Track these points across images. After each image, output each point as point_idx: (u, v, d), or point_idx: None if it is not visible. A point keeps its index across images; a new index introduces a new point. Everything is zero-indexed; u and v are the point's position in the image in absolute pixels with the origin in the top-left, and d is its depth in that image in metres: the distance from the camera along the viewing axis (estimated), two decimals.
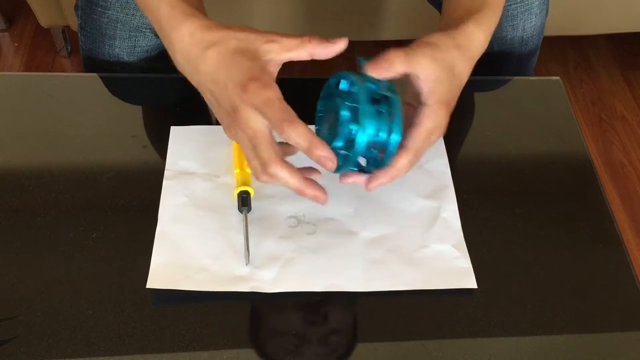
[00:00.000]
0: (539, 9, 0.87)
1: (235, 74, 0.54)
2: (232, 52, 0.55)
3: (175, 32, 0.58)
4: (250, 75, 0.54)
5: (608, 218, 0.69)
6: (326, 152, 0.54)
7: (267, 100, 0.53)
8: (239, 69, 0.54)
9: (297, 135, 0.53)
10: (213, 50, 0.55)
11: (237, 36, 0.56)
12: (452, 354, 0.58)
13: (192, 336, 0.58)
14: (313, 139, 0.54)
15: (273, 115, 0.53)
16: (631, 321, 0.61)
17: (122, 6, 0.82)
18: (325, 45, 0.56)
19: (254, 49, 0.55)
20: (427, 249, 0.64)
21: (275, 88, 0.54)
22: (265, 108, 0.53)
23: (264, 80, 0.53)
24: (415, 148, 0.58)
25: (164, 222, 0.65)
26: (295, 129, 0.53)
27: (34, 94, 0.78)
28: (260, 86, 0.53)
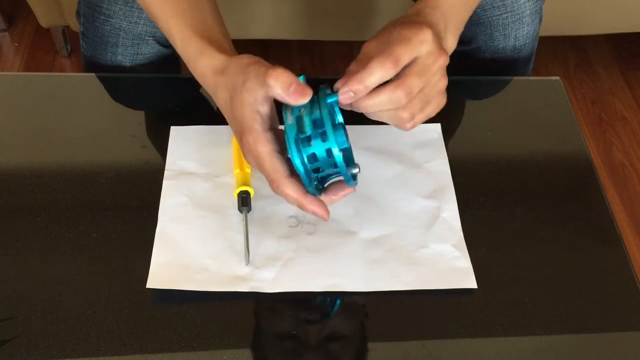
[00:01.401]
0: (530, 18, 0.87)
1: (234, 124, 0.58)
2: (230, 97, 0.58)
3: (193, 67, 0.62)
4: (242, 126, 0.57)
5: (608, 218, 0.69)
6: (315, 207, 0.58)
7: (258, 156, 0.56)
8: (235, 118, 0.58)
9: (286, 195, 0.57)
10: (220, 93, 0.59)
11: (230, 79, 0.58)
12: (452, 354, 0.58)
13: (192, 336, 0.58)
14: (301, 196, 0.57)
15: (264, 173, 0.57)
16: (631, 321, 0.61)
17: (125, 14, 0.82)
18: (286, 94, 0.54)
19: (240, 92, 0.57)
20: (427, 249, 0.64)
21: (264, 142, 0.56)
22: (257, 165, 0.57)
23: (254, 134, 0.56)
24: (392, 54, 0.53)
25: (164, 222, 0.65)
26: (283, 189, 0.57)
27: (34, 94, 0.78)
28: (252, 140, 0.56)
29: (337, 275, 0.62)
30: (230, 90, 0.58)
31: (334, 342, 0.59)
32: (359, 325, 0.61)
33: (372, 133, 0.72)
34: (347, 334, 0.60)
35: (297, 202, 0.58)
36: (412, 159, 0.72)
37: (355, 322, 0.62)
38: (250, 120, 0.56)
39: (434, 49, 0.55)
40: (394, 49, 0.53)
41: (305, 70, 1.72)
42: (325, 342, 0.59)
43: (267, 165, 0.56)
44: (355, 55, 0.58)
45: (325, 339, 0.59)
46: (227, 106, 0.59)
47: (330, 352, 0.59)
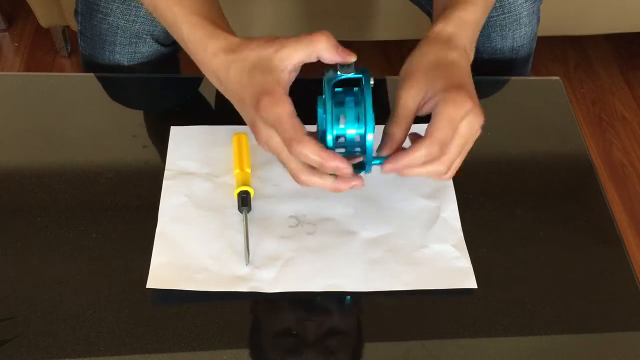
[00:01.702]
0: (528, 18, 0.87)
1: (251, 91, 0.56)
2: (249, 68, 0.56)
3: (202, 54, 0.60)
4: (262, 90, 0.55)
5: (608, 218, 0.69)
6: (338, 162, 0.55)
7: (277, 117, 0.54)
8: (254, 85, 0.56)
9: (305, 155, 0.54)
10: (234, 68, 0.57)
11: (253, 51, 0.57)
12: (452, 354, 0.58)
13: (192, 336, 0.58)
14: (322, 153, 0.54)
15: (282, 134, 0.54)
16: (631, 321, 0.61)
17: (123, 13, 0.82)
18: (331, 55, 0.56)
19: (268, 60, 0.56)
20: (427, 249, 0.64)
21: (285, 103, 0.54)
22: (276, 125, 0.54)
23: (275, 96, 0.54)
24: (434, 137, 0.55)
25: (164, 222, 0.65)
26: (303, 148, 0.54)
27: (34, 94, 0.78)
28: (272, 102, 0.54)
29: (337, 275, 0.62)
30: (252, 61, 0.56)
31: (334, 342, 0.59)
32: (359, 325, 0.61)
33: None
34: (347, 334, 0.60)
35: (318, 158, 0.54)
36: None
37: (355, 322, 0.62)
38: (272, 84, 0.55)
39: (474, 120, 0.57)
40: (439, 132, 0.55)
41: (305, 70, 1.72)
42: (325, 342, 0.59)
43: (287, 124, 0.54)
44: None
45: (325, 339, 0.59)
46: (242, 79, 0.57)
47: (330, 352, 0.59)
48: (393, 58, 1.72)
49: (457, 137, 0.56)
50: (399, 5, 1.49)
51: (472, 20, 0.63)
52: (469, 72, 0.60)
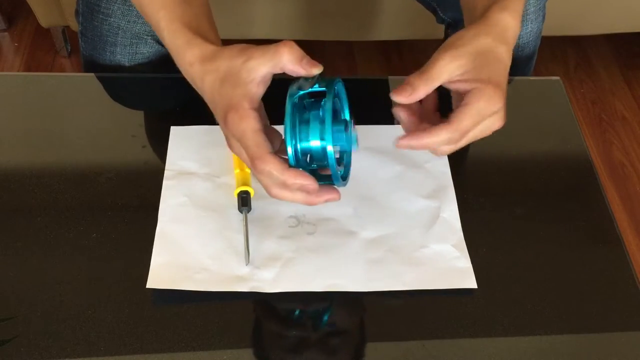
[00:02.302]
0: (534, 15, 0.87)
1: (220, 104, 0.56)
2: (220, 80, 0.56)
3: (180, 61, 0.60)
4: (229, 105, 0.55)
5: (608, 218, 0.69)
6: (301, 179, 0.54)
7: (242, 133, 0.54)
8: (223, 99, 0.56)
9: (269, 171, 0.54)
10: (207, 79, 0.57)
11: (224, 61, 0.56)
12: (452, 354, 0.58)
13: (192, 336, 0.58)
14: (285, 171, 0.54)
15: (247, 151, 0.55)
16: (631, 321, 0.61)
17: (124, 13, 0.82)
18: (299, 66, 0.55)
19: (237, 72, 0.55)
20: (427, 249, 0.64)
21: (249, 118, 0.54)
22: (241, 141, 0.55)
23: (240, 111, 0.54)
24: (459, 126, 0.55)
25: (164, 222, 0.65)
26: (265, 165, 0.54)
27: (34, 94, 0.78)
28: (237, 117, 0.54)
29: (337, 275, 0.62)
30: (223, 72, 0.56)
31: (334, 343, 0.59)
32: (359, 326, 0.61)
33: (372, 133, 0.72)
34: (347, 334, 0.60)
35: (280, 176, 0.54)
36: (412, 159, 0.72)
37: (355, 322, 0.62)
38: (239, 98, 0.55)
39: (497, 122, 0.57)
40: (464, 123, 0.55)
41: None
42: (325, 342, 0.59)
43: (250, 141, 0.54)
44: (355, 55, 0.58)
45: (325, 339, 0.59)
46: (213, 90, 0.57)
47: (330, 352, 0.59)
48: (393, 58, 1.72)
49: (475, 130, 0.56)
50: (399, 5, 1.50)
51: (521, 9, 0.61)
52: (508, 71, 0.58)
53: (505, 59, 0.58)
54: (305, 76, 0.55)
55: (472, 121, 0.55)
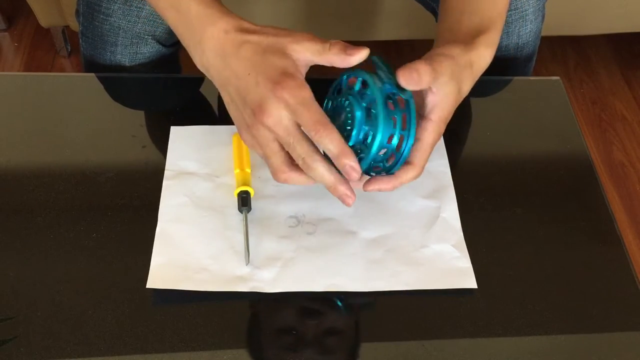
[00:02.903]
0: (534, 15, 0.87)
1: (268, 70, 0.55)
2: (264, 50, 0.56)
3: (210, 28, 0.58)
4: (284, 71, 0.54)
5: (608, 218, 0.69)
6: (353, 162, 0.55)
7: (303, 100, 0.54)
8: (271, 66, 0.55)
9: (330, 141, 0.54)
10: (246, 47, 0.57)
11: (269, 36, 0.57)
12: (452, 354, 0.58)
13: (192, 336, 0.58)
14: (344, 147, 0.54)
15: (309, 117, 0.54)
16: (631, 321, 0.61)
17: (124, 13, 0.82)
18: (343, 57, 0.56)
19: (282, 48, 0.56)
20: (427, 249, 0.64)
21: (308, 88, 0.54)
22: (301, 108, 0.54)
23: (298, 79, 0.54)
24: (421, 164, 0.59)
25: (164, 222, 0.65)
26: (329, 134, 0.54)
27: (34, 94, 0.78)
28: (295, 84, 0.54)
29: (337, 275, 0.62)
30: (266, 44, 0.56)
31: (334, 342, 0.59)
32: (358, 325, 0.61)
33: None
34: (346, 334, 0.60)
35: (337, 149, 0.54)
36: None
37: (355, 322, 0.62)
38: (293, 68, 0.55)
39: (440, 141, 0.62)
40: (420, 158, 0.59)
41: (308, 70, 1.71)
42: (325, 342, 0.59)
43: (314, 106, 0.54)
44: None
45: (325, 339, 0.59)
46: (255, 59, 0.56)
47: (330, 352, 0.59)
48: (393, 58, 1.72)
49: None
50: (399, 5, 1.50)
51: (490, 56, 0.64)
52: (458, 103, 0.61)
53: (465, 93, 0.62)
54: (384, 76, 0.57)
55: (429, 154, 0.59)
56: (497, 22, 0.65)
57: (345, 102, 0.58)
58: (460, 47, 0.60)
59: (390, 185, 0.59)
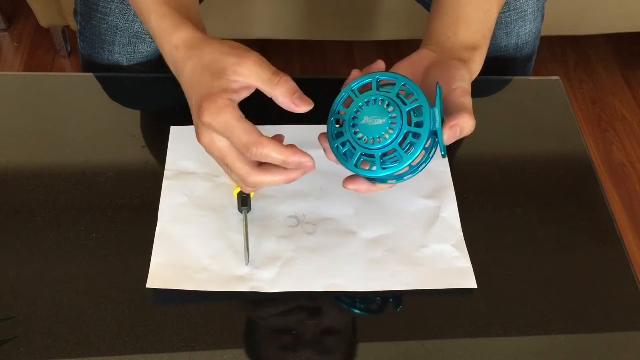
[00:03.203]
0: (533, 15, 0.87)
1: (198, 92, 0.54)
2: (202, 68, 0.55)
3: (166, 45, 0.58)
4: (207, 95, 0.53)
5: (608, 218, 0.69)
6: (300, 156, 0.54)
7: (226, 124, 0.52)
8: (203, 87, 0.54)
9: (268, 154, 0.53)
10: (189, 64, 0.56)
11: (212, 52, 0.55)
12: (452, 354, 0.58)
13: (192, 336, 0.58)
14: (283, 150, 0.53)
15: (237, 140, 0.53)
16: (631, 321, 0.61)
17: (122, 13, 0.82)
18: (289, 102, 0.54)
19: (222, 68, 0.54)
20: (427, 249, 0.64)
21: (230, 108, 0.52)
22: (226, 133, 0.53)
23: (219, 102, 0.52)
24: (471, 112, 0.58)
25: (164, 222, 0.65)
26: (262, 149, 0.52)
27: (34, 94, 0.78)
28: (216, 108, 0.52)
29: (337, 275, 0.62)
30: (207, 61, 0.55)
31: (334, 342, 0.59)
32: (358, 325, 0.61)
33: None
34: (346, 334, 0.60)
35: (280, 156, 0.53)
36: None
37: (355, 322, 0.62)
38: (218, 90, 0.53)
39: None
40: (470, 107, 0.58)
41: (305, 70, 1.72)
42: (325, 342, 0.59)
43: (239, 129, 0.52)
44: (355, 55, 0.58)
45: (325, 339, 0.59)
46: (193, 76, 0.55)
47: (330, 352, 0.59)
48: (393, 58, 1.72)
49: None
50: (399, 5, 1.50)
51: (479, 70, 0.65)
52: None
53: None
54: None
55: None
56: (487, 38, 0.66)
57: (382, 102, 0.56)
58: (465, 70, 0.60)
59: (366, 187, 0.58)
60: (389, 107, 0.55)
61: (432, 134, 0.55)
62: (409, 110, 0.54)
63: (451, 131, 0.55)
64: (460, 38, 0.64)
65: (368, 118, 0.56)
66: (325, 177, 0.68)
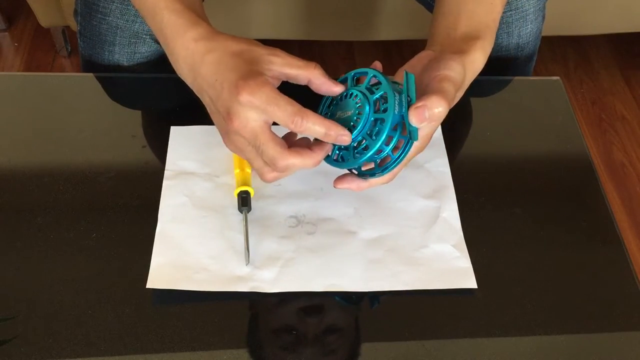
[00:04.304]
0: (534, 15, 0.87)
1: (232, 74, 0.54)
2: (231, 55, 0.55)
3: (180, 39, 0.58)
4: (246, 74, 0.54)
5: (608, 218, 0.69)
6: (341, 130, 0.55)
7: (267, 98, 0.53)
8: (235, 70, 0.54)
9: (312, 125, 0.54)
10: (213, 54, 0.56)
11: (239, 44, 0.56)
12: (452, 354, 0.58)
13: (192, 336, 0.58)
14: (327, 123, 0.55)
15: (280, 113, 0.53)
16: (631, 321, 0.61)
17: (122, 13, 0.82)
18: (324, 80, 0.57)
19: (256, 57, 0.55)
20: (427, 249, 0.64)
21: (270, 85, 0.53)
22: (269, 106, 0.53)
23: (258, 79, 0.53)
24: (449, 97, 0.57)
25: (164, 222, 0.65)
26: (307, 120, 0.54)
27: (34, 94, 0.78)
28: (256, 84, 0.53)
29: (337, 275, 0.62)
30: (234, 50, 0.55)
31: (334, 342, 0.59)
32: (358, 326, 0.61)
33: None
34: (347, 335, 0.60)
35: (323, 128, 0.54)
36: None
37: (355, 322, 0.62)
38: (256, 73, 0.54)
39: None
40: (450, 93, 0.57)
41: None
42: (325, 343, 0.59)
43: (283, 101, 0.53)
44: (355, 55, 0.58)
45: (325, 339, 0.59)
46: (221, 62, 0.55)
47: (330, 352, 0.59)
48: (393, 58, 1.72)
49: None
50: (399, 5, 1.50)
51: (483, 62, 0.64)
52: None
53: (459, 96, 0.61)
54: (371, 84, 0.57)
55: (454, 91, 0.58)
56: (492, 28, 0.65)
57: (352, 96, 0.58)
58: (457, 61, 0.60)
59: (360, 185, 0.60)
60: (356, 99, 0.57)
61: (401, 119, 0.56)
62: (375, 99, 0.56)
63: (416, 112, 0.55)
64: (460, 31, 0.64)
65: (340, 112, 0.58)
66: (325, 177, 0.68)
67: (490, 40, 0.65)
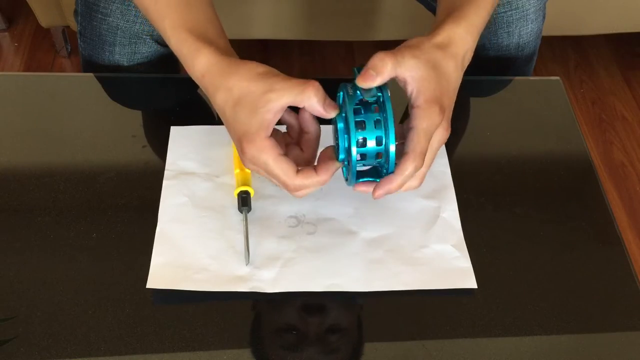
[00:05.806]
0: (535, 15, 0.87)
1: (235, 128, 0.57)
2: (233, 104, 0.57)
3: (190, 70, 0.60)
4: (245, 133, 0.56)
5: (608, 218, 0.69)
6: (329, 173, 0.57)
7: (264, 164, 0.56)
8: (237, 123, 0.57)
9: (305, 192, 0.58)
10: (219, 96, 0.58)
11: (239, 83, 0.57)
12: (452, 354, 0.58)
13: (192, 336, 0.58)
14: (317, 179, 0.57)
15: (276, 179, 0.57)
16: (631, 321, 0.61)
17: (122, 13, 0.82)
18: (322, 108, 0.56)
19: (254, 100, 0.56)
20: (427, 249, 0.64)
21: (268, 148, 0.56)
22: (266, 170, 0.57)
23: (257, 143, 0.56)
24: (417, 151, 0.56)
25: (164, 222, 0.65)
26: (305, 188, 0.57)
27: (34, 94, 0.78)
28: (255, 149, 0.56)
29: (337, 275, 0.62)
30: (237, 95, 0.56)
31: (334, 342, 0.59)
32: (359, 325, 0.61)
33: None
34: (347, 335, 0.60)
35: (317, 187, 0.58)
36: None
37: (355, 322, 0.62)
38: (255, 128, 0.55)
39: (442, 134, 0.59)
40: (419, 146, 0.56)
41: (305, 70, 1.72)
42: (325, 342, 0.59)
43: (277, 170, 0.56)
44: (355, 55, 0.58)
45: (325, 339, 0.59)
46: (226, 110, 0.57)
47: (331, 352, 0.59)
48: None
49: (430, 150, 0.58)
50: (399, 5, 1.50)
51: (480, 24, 0.62)
52: (456, 84, 0.60)
53: (451, 74, 0.59)
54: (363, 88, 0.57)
55: (424, 140, 0.56)
56: (480, 6, 0.63)
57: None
58: (422, 36, 0.59)
59: (394, 184, 0.58)
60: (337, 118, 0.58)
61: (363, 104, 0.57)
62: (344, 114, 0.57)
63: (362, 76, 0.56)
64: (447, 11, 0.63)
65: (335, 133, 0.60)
66: None
67: (469, 11, 0.62)
